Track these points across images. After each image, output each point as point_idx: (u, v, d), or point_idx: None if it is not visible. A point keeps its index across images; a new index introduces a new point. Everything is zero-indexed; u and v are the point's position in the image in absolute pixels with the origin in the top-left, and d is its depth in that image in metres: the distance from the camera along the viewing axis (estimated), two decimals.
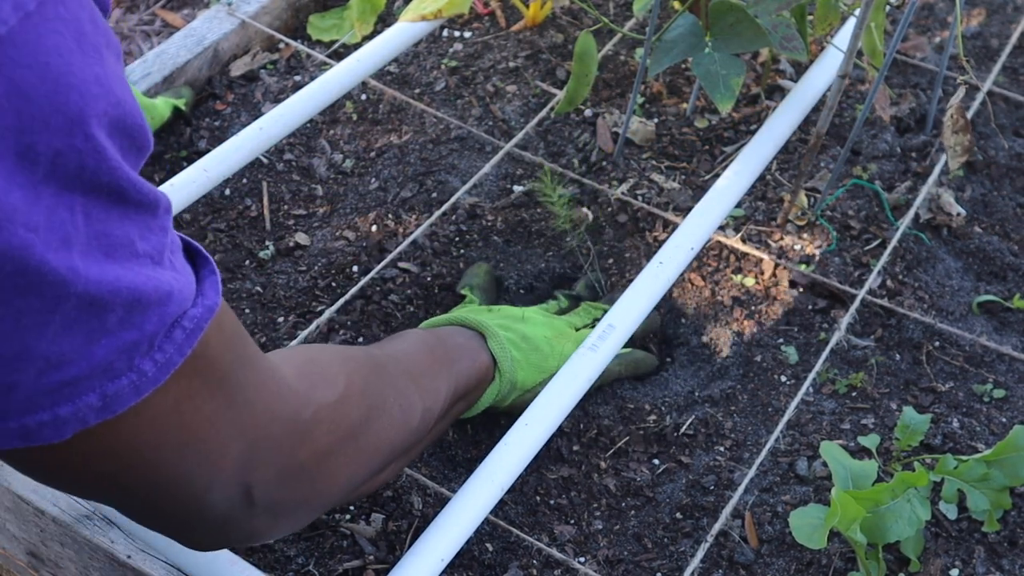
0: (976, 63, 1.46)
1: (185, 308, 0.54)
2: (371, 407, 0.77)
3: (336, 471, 0.72)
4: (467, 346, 0.98)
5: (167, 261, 0.53)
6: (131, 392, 0.52)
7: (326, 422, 0.70)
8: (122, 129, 0.49)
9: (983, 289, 1.19)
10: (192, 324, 0.54)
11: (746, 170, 1.18)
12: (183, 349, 0.54)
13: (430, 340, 0.95)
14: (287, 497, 0.68)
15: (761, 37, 1.07)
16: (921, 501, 0.90)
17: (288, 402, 0.66)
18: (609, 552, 0.97)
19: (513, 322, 1.05)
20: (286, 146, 1.33)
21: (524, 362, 1.01)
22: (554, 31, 1.48)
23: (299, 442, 0.67)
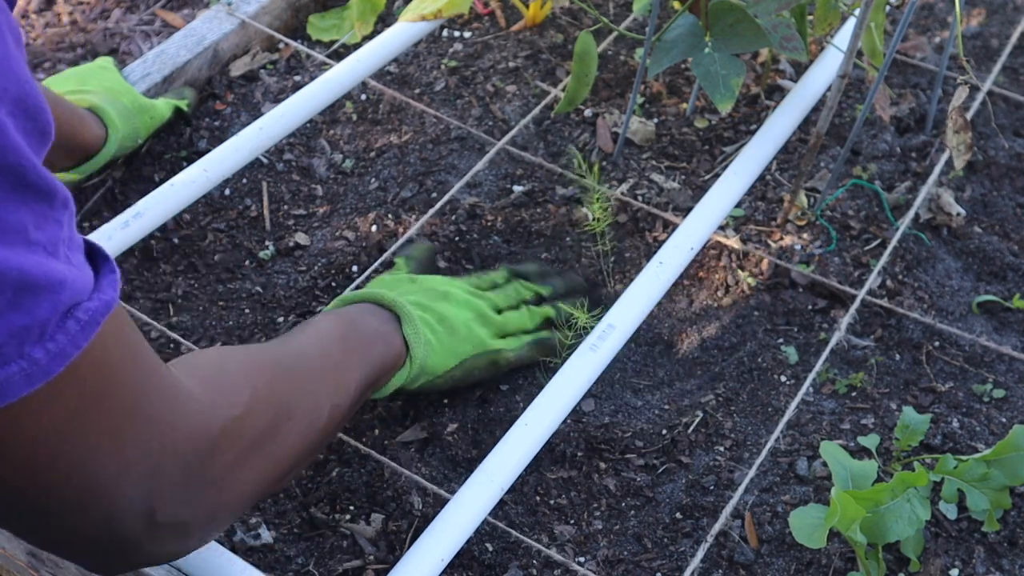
0: (976, 63, 1.46)
1: (80, 299, 0.53)
2: (278, 415, 0.75)
3: (242, 483, 0.71)
4: (380, 331, 0.96)
5: (62, 254, 0.52)
6: (22, 380, 0.50)
7: (232, 436, 0.69)
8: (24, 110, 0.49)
9: (983, 289, 1.19)
10: (87, 316, 0.53)
11: (746, 170, 1.18)
12: (77, 341, 0.52)
13: (342, 330, 0.93)
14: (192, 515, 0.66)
15: (761, 37, 1.07)
16: (921, 501, 0.90)
17: (194, 418, 0.65)
18: (609, 552, 0.97)
19: (432, 299, 1.03)
20: (286, 146, 1.33)
21: (438, 346, 0.99)
22: (554, 31, 1.48)
23: (205, 458, 0.66)
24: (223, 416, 0.68)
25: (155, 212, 1.11)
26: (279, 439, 0.75)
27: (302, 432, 0.79)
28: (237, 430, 0.69)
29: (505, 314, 1.08)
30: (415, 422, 1.06)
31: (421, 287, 1.04)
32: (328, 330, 0.92)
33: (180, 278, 1.19)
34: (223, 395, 0.70)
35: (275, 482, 0.77)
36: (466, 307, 1.04)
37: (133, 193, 1.26)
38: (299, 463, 0.80)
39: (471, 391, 1.08)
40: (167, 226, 1.23)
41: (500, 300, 1.09)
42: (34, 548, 0.97)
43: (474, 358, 1.03)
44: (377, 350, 0.94)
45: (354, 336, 0.93)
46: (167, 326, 1.12)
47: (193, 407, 0.65)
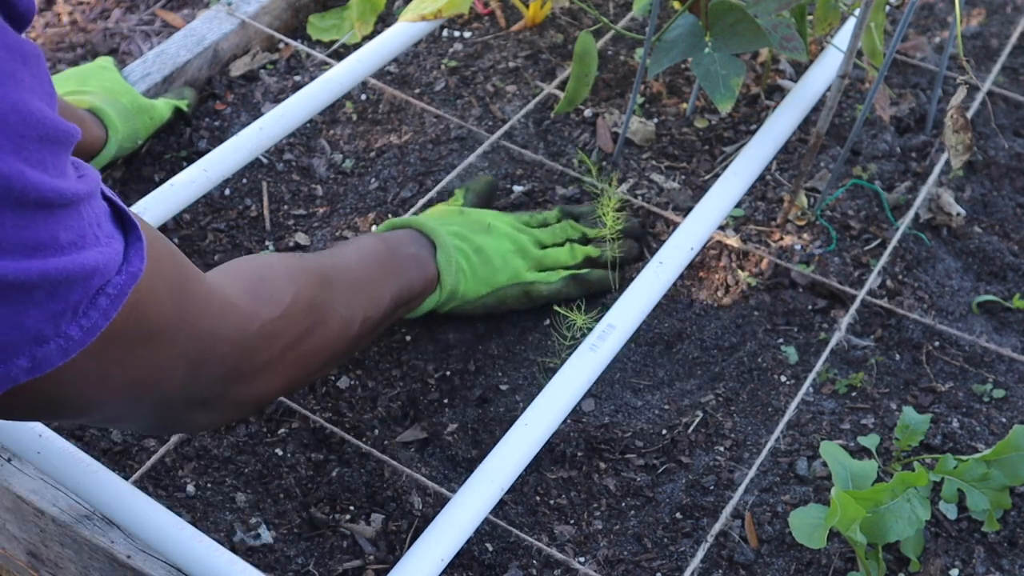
0: (976, 63, 1.46)
1: (109, 277, 0.58)
2: (314, 319, 0.84)
3: (275, 377, 0.81)
4: (417, 256, 1.03)
5: (92, 238, 0.57)
6: (59, 354, 0.56)
7: (270, 336, 0.78)
8: (47, 139, 0.53)
9: (983, 289, 1.19)
10: (116, 290, 0.58)
11: (746, 170, 1.18)
12: (108, 314, 0.58)
13: (381, 250, 1.00)
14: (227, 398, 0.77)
15: (761, 37, 1.07)
16: (921, 501, 0.90)
17: (232, 321, 0.74)
18: (609, 552, 0.97)
19: (473, 231, 1.08)
20: (286, 146, 1.33)
21: (470, 274, 1.06)
22: (554, 31, 1.48)
23: (243, 356, 0.76)
24: (263, 318, 0.77)
25: (155, 212, 1.11)
26: (313, 342, 0.84)
27: (334, 337, 0.87)
28: (275, 331, 0.78)
29: (547, 250, 1.13)
30: (415, 422, 1.06)
31: (467, 219, 1.10)
32: (369, 249, 1.00)
33: None
34: (263, 300, 0.78)
35: (303, 379, 0.87)
36: (506, 239, 1.10)
37: (133, 193, 1.26)
38: (327, 365, 0.90)
39: (471, 390, 1.08)
40: (167, 226, 1.23)
41: (546, 236, 1.14)
42: (34, 549, 0.97)
43: (507, 287, 1.09)
44: (410, 272, 1.01)
45: (391, 257, 1.00)
46: None
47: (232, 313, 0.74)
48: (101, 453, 1.02)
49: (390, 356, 1.11)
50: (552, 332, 1.12)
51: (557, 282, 1.12)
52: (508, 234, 1.10)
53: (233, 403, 0.79)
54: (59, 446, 0.90)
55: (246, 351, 0.76)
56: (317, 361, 0.87)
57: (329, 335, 0.87)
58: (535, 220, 1.16)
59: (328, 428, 1.03)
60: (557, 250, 1.14)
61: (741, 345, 1.13)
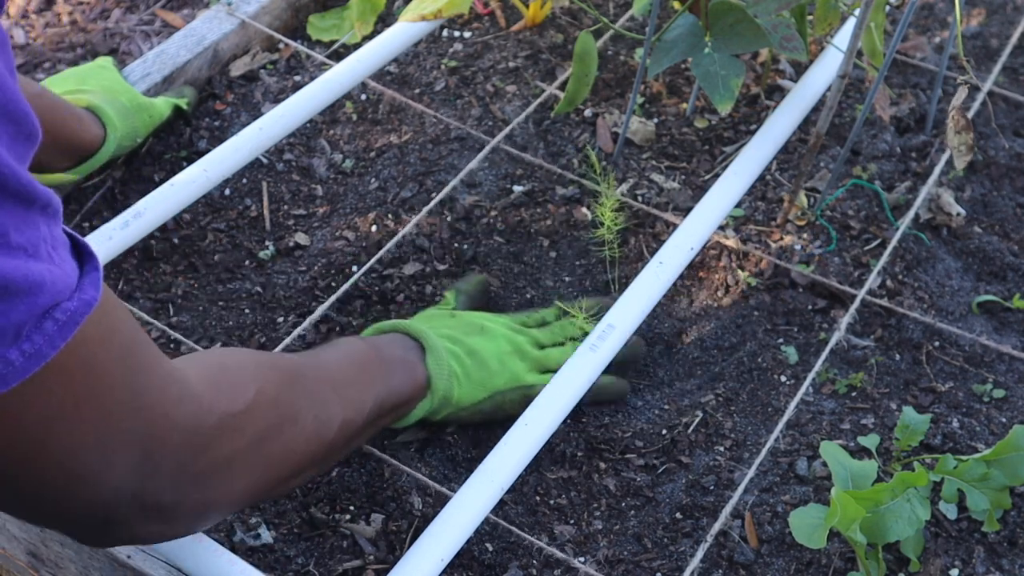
0: (976, 63, 1.46)
1: (59, 300, 0.54)
2: (282, 416, 0.76)
3: (236, 479, 0.72)
4: (403, 359, 0.96)
5: (44, 254, 0.53)
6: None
7: (229, 431, 0.70)
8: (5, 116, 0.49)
9: (983, 289, 1.19)
10: (65, 316, 0.54)
11: (746, 170, 1.18)
12: (55, 342, 0.53)
13: (363, 351, 0.94)
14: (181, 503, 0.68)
15: (761, 37, 1.07)
16: (921, 501, 0.90)
17: (188, 409, 0.66)
18: (609, 552, 0.97)
19: (466, 333, 1.02)
20: (286, 146, 1.33)
21: (464, 377, 0.99)
22: (554, 31, 1.48)
23: (199, 450, 0.67)
24: (221, 411, 0.69)
25: (155, 212, 1.11)
26: (281, 442, 0.76)
27: (307, 439, 0.79)
28: (235, 426, 0.70)
29: (547, 350, 1.06)
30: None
31: (459, 321, 1.04)
32: (350, 350, 0.93)
33: (180, 278, 1.19)
34: (224, 391, 0.71)
35: (273, 486, 0.77)
36: (503, 340, 1.03)
37: (133, 193, 1.26)
38: (302, 471, 0.80)
39: None
40: (167, 226, 1.23)
41: (544, 337, 1.07)
42: (34, 548, 0.97)
43: (506, 391, 1.01)
44: (397, 376, 0.94)
45: (375, 359, 0.93)
46: (167, 326, 1.12)
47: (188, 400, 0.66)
48: None
49: None
50: None
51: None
52: (504, 335, 1.03)
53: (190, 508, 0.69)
54: None
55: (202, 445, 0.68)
56: (288, 465, 0.78)
57: (301, 436, 0.78)
58: (532, 320, 1.09)
59: None
60: (559, 350, 1.06)
61: (741, 345, 1.13)
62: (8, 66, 0.51)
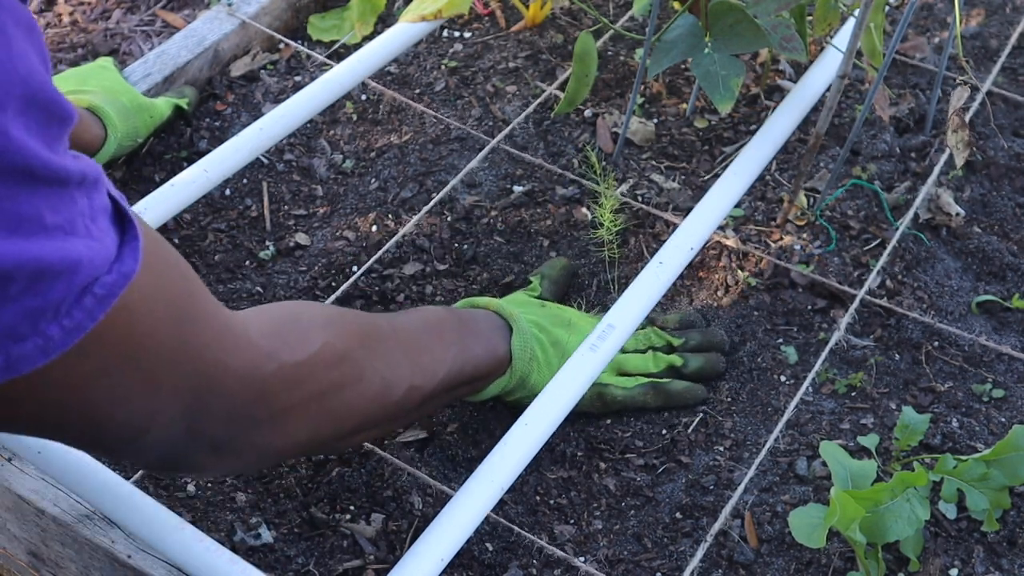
0: (975, 63, 1.46)
1: (98, 275, 0.54)
2: (347, 373, 0.77)
3: (293, 428, 0.73)
4: (488, 335, 0.97)
5: (82, 228, 0.53)
6: (38, 353, 0.53)
7: (289, 380, 0.71)
8: (35, 104, 0.50)
9: (982, 289, 1.19)
10: (104, 290, 0.54)
11: (746, 170, 1.18)
12: (94, 314, 0.54)
13: (445, 319, 0.94)
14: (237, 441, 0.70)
15: (761, 37, 1.07)
16: (920, 501, 0.90)
17: (244, 357, 0.68)
18: (609, 552, 0.97)
19: (554, 324, 1.04)
20: (286, 146, 1.33)
21: (544, 364, 1.00)
22: (554, 31, 1.48)
23: (255, 396, 0.69)
24: (282, 360, 0.70)
25: (156, 212, 1.11)
26: (343, 398, 0.77)
27: (371, 398, 0.80)
28: (296, 376, 0.72)
29: (628, 355, 1.08)
30: (415, 422, 1.06)
31: (548, 312, 1.05)
32: (431, 317, 0.94)
33: None
34: (288, 342, 0.72)
35: (333, 439, 0.79)
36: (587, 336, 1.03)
37: (134, 193, 1.26)
38: (363, 428, 0.82)
39: None
40: (168, 226, 1.23)
41: (627, 342, 1.07)
42: (35, 548, 0.97)
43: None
44: (477, 349, 0.95)
45: (457, 329, 0.94)
46: None
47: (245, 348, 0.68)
48: None
49: None
50: None
51: (634, 388, 1.05)
52: (588, 333, 1.03)
53: (246, 450, 0.72)
54: (60, 446, 0.90)
55: (259, 393, 0.69)
56: (350, 421, 0.79)
57: (365, 395, 0.79)
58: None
59: None
60: (638, 356, 1.08)
61: (741, 345, 1.13)
62: (40, 54, 0.51)
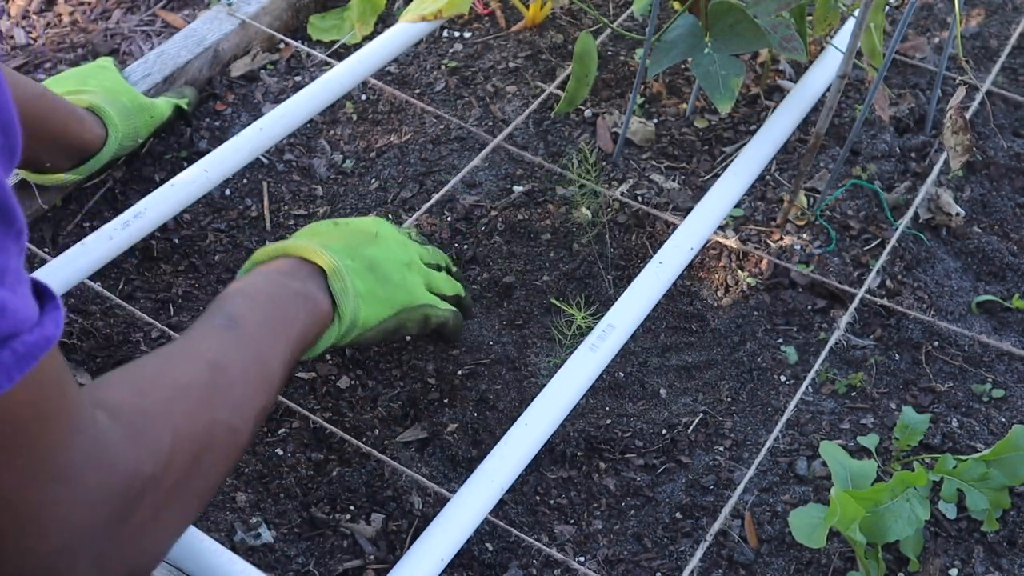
0: (975, 63, 1.46)
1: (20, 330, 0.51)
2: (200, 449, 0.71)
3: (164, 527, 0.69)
4: (303, 292, 0.88)
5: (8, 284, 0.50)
6: None
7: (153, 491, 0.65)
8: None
9: (982, 289, 1.19)
10: (24, 348, 0.50)
11: (746, 170, 1.18)
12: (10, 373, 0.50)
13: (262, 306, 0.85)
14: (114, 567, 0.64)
15: (760, 37, 1.07)
16: (920, 501, 0.91)
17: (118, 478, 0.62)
18: (609, 552, 0.97)
19: (359, 243, 0.96)
20: (286, 146, 1.33)
21: (369, 297, 0.93)
22: (554, 31, 1.48)
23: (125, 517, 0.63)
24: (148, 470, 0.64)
25: (156, 212, 1.11)
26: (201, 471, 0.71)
27: (225, 456, 0.75)
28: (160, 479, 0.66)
29: (430, 270, 1.02)
30: (415, 422, 1.06)
31: (346, 230, 0.97)
32: (247, 316, 0.84)
33: (181, 278, 1.19)
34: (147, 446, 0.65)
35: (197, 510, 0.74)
36: (399, 249, 0.98)
37: (134, 193, 1.26)
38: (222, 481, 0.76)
39: (471, 390, 1.08)
40: (168, 226, 1.23)
41: (426, 254, 1.03)
42: None
43: (408, 310, 0.97)
44: (301, 320, 0.87)
45: (275, 313, 0.86)
46: (167, 326, 1.13)
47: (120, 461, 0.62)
48: None
49: (390, 356, 1.11)
50: (552, 331, 1.12)
51: (446, 312, 1.01)
52: (399, 242, 0.98)
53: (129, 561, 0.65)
54: None
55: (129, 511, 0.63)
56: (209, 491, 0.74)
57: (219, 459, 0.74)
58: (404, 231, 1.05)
59: (328, 428, 1.04)
60: (440, 275, 1.03)
61: (741, 345, 1.13)
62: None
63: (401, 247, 0.98)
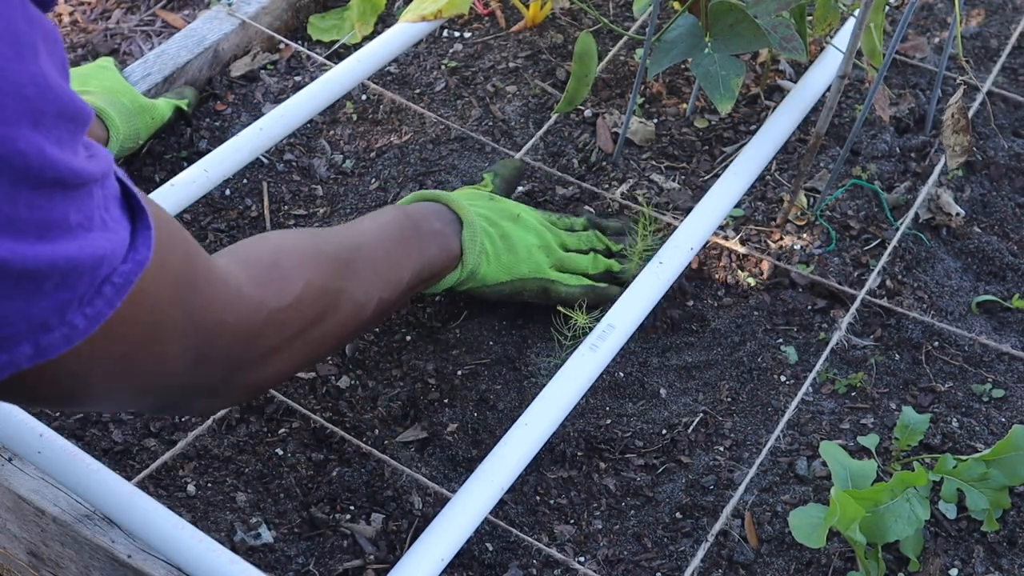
0: (975, 63, 1.46)
1: (115, 265, 0.57)
2: (325, 306, 0.84)
3: (280, 364, 0.81)
4: (441, 232, 1.02)
5: (99, 221, 0.56)
6: (62, 342, 0.56)
7: (277, 324, 0.78)
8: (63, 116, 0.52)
9: (982, 289, 1.19)
10: (122, 279, 0.58)
11: (746, 170, 1.18)
12: (113, 302, 0.58)
13: (404, 227, 0.99)
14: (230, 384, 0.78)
15: (760, 37, 1.07)
16: (920, 501, 0.91)
17: (238, 311, 0.74)
18: (609, 552, 0.97)
19: (502, 217, 1.08)
20: (286, 146, 1.33)
21: (493, 257, 1.05)
22: (554, 31, 1.48)
23: (247, 343, 0.76)
24: (270, 307, 0.77)
25: None
26: (322, 329, 0.84)
27: (345, 323, 0.87)
28: (282, 320, 0.79)
29: (571, 253, 1.12)
30: (415, 422, 1.06)
31: (497, 205, 1.09)
32: (391, 225, 0.99)
33: None
34: (272, 289, 0.78)
35: (311, 363, 0.87)
36: (533, 233, 1.09)
37: None
38: (338, 347, 0.90)
39: (470, 391, 1.08)
40: None
41: (571, 241, 1.13)
42: (35, 548, 0.97)
43: (527, 280, 1.08)
44: (433, 249, 1.00)
45: (414, 234, 0.99)
46: None
47: (239, 303, 0.74)
48: (102, 453, 1.02)
49: (390, 356, 1.11)
50: (552, 331, 1.12)
51: (576, 287, 1.10)
52: (535, 228, 1.10)
53: (237, 388, 0.80)
54: (60, 446, 0.90)
55: (251, 340, 0.76)
56: (327, 346, 0.87)
57: (340, 321, 0.87)
58: (562, 223, 1.15)
59: (328, 428, 1.04)
60: (580, 256, 1.13)
61: (741, 345, 1.13)
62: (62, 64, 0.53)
63: (537, 232, 1.10)
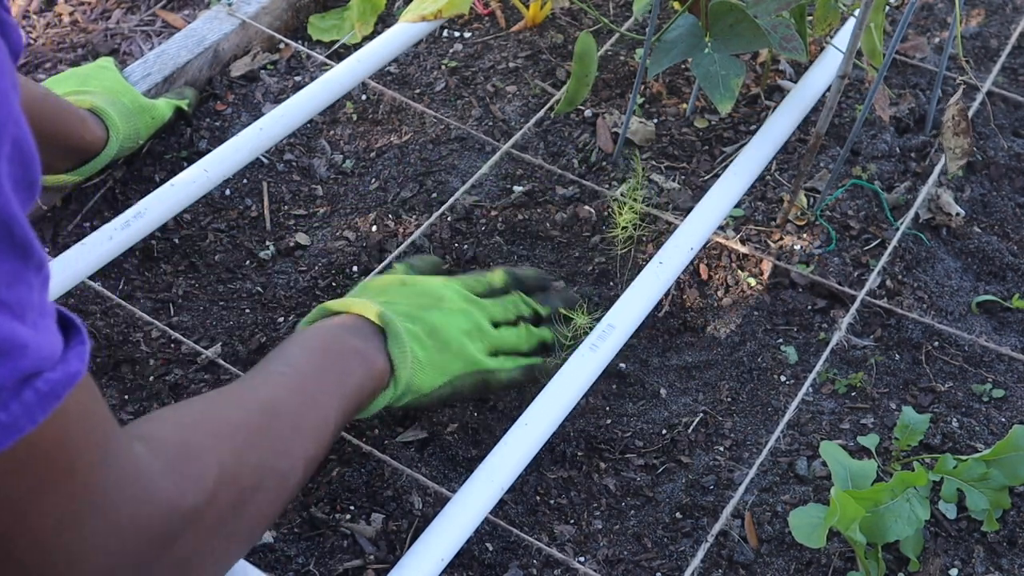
0: (975, 63, 1.46)
1: (42, 368, 0.49)
2: (246, 488, 0.71)
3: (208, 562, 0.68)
4: (362, 351, 0.90)
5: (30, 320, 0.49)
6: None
7: (197, 520, 0.65)
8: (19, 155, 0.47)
9: (982, 289, 1.19)
10: (47, 387, 0.49)
11: (746, 170, 1.18)
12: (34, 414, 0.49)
13: (318, 360, 0.87)
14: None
15: (761, 37, 1.07)
16: (920, 501, 0.91)
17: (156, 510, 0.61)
18: (609, 552, 0.97)
19: (423, 307, 0.96)
20: (286, 146, 1.33)
21: (427, 363, 0.94)
22: (554, 31, 1.48)
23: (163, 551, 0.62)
24: (189, 503, 0.64)
25: (156, 212, 1.11)
26: (247, 512, 0.71)
27: (272, 500, 0.75)
28: (202, 514, 0.65)
29: (501, 330, 1.02)
30: (415, 422, 1.06)
31: (412, 291, 0.98)
32: (303, 362, 0.86)
33: (181, 278, 1.19)
34: (189, 478, 0.65)
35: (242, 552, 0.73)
36: (461, 316, 0.98)
37: (134, 193, 1.26)
38: (269, 525, 0.76)
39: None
40: (168, 226, 1.23)
41: (497, 312, 1.03)
42: None
43: (464, 376, 0.98)
44: (357, 374, 0.88)
45: (332, 362, 0.87)
46: (168, 326, 1.13)
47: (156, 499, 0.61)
48: None
49: None
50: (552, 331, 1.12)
51: (514, 370, 1.01)
52: (461, 309, 0.98)
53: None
54: None
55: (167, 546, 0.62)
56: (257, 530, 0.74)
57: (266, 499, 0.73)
58: (481, 285, 1.04)
59: None
60: (511, 332, 1.02)
61: (741, 345, 1.13)
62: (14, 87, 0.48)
63: (464, 314, 0.98)
